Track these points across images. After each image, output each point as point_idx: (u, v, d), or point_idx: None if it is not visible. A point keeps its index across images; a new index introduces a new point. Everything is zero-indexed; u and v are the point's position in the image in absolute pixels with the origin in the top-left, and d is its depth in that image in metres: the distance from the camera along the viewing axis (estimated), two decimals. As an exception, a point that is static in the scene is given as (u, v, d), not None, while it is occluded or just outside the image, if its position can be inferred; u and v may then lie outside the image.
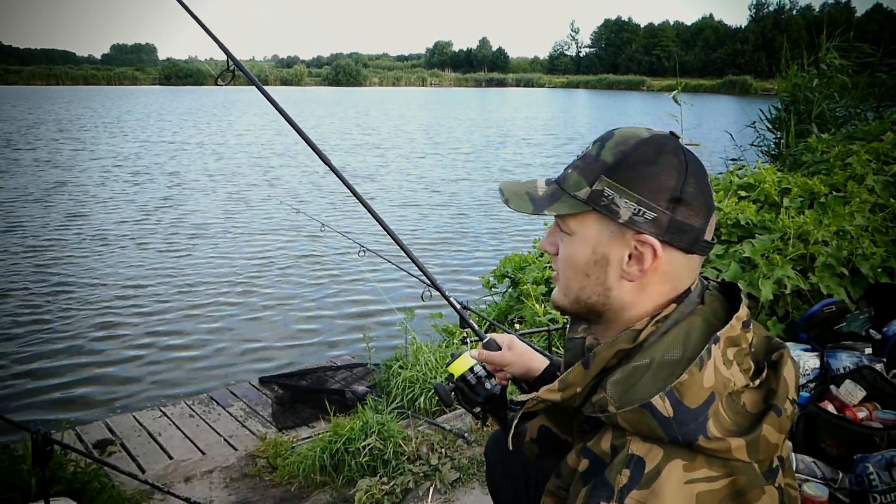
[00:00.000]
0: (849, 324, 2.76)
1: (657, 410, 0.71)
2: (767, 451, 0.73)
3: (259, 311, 6.90)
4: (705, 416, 0.71)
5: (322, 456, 3.13)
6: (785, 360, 0.79)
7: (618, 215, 0.81)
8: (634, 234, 0.81)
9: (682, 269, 0.84)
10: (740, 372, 0.76)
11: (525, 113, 38.84)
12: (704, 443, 0.70)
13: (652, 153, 0.82)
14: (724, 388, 0.73)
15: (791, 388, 0.77)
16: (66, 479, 2.82)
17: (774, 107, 7.22)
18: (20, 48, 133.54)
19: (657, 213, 0.80)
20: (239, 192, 13.33)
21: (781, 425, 0.74)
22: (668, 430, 0.71)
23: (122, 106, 39.97)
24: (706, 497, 0.69)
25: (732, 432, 0.71)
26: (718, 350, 0.75)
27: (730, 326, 0.77)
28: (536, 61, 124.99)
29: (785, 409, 0.75)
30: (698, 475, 0.70)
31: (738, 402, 0.74)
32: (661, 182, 0.80)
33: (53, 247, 9.00)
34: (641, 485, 0.70)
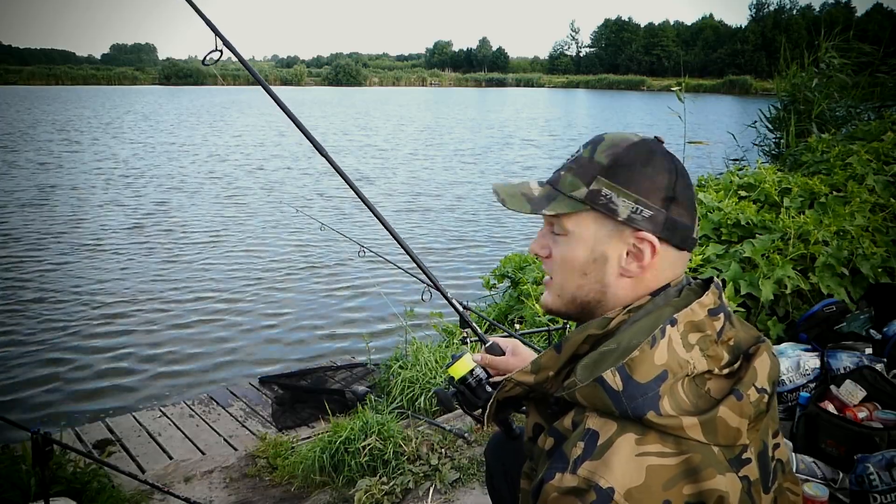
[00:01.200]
0: (849, 324, 2.76)
1: (608, 384, 0.74)
2: (728, 434, 0.74)
3: (259, 311, 6.90)
4: (656, 392, 0.73)
5: (322, 456, 3.13)
6: (760, 352, 0.80)
7: (616, 213, 0.84)
8: (633, 232, 0.85)
9: (674, 263, 0.88)
10: (703, 357, 0.77)
11: (527, 113, 38.82)
12: (655, 418, 0.72)
13: (644, 155, 0.86)
14: (680, 369, 0.75)
15: (761, 377, 0.78)
16: (66, 479, 2.82)
17: (774, 106, 7.22)
18: (20, 48, 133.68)
19: (654, 211, 0.84)
20: (239, 193, 13.33)
21: (742, 410, 0.75)
22: (619, 403, 0.73)
23: (121, 106, 39.99)
24: (657, 471, 0.70)
25: (688, 412, 0.73)
26: (677, 332, 0.77)
27: (690, 311, 0.79)
28: (536, 61, 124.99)
29: (748, 394, 0.76)
30: (650, 449, 0.71)
31: (702, 386, 0.76)
32: (657, 182, 0.84)
33: (53, 247, 9.01)
34: (594, 456, 0.72)
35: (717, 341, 0.79)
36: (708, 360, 0.77)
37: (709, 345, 0.78)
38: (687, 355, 0.76)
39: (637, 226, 0.84)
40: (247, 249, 9.14)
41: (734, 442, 0.75)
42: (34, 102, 40.70)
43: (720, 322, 0.81)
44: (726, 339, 0.81)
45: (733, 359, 0.80)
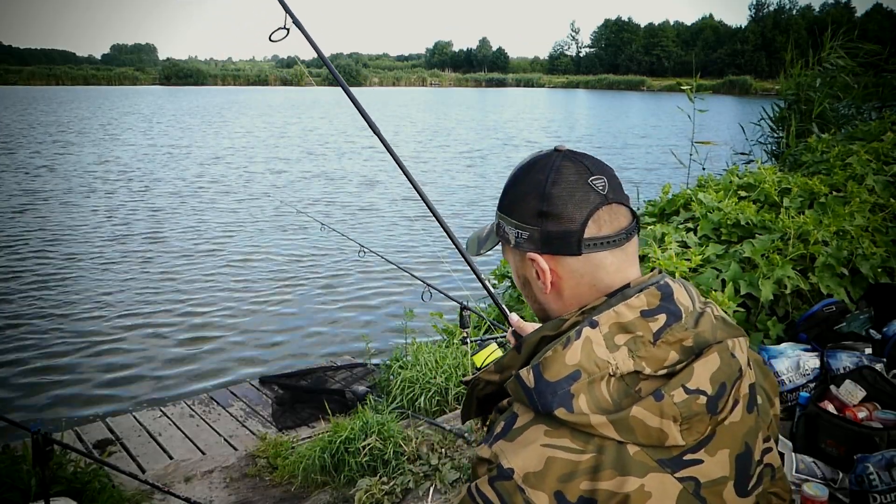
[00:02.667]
0: (849, 324, 2.76)
1: (522, 380, 0.79)
2: (648, 434, 0.74)
3: (259, 311, 6.91)
4: (566, 390, 0.75)
5: (322, 456, 3.14)
6: (709, 353, 0.79)
7: (509, 242, 0.91)
8: (526, 254, 0.89)
9: (589, 267, 0.87)
10: (629, 358, 0.77)
11: (530, 114, 38.80)
12: (563, 415, 0.75)
13: (521, 176, 0.90)
14: (597, 369, 0.76)
15: (698, 379, 0.77)
16: (66, 479, 2.83)
17: (777, 105, 7.22)
18: (20, 48, 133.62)
19: (530, 231, 0.87)
20: (239, 193, 13.34)
21: (662, 410, 0.74)
22: (530, 398, 0.77)
23: (120, 107, 39.99)
24: (557, 463, 0.74)
25: (605, 411, 0.75)
26: (598, 333, 0.78)
27: (614, 313, 0.80)
28: (536, 61, 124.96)
29: (671, 395, 0.75)
30: (556, 442, 0.75)
31: (632, 386, 0.77)
32: (527, 202, 0.88)
33: (54, 248, 9.01)
34: (507, 437, 0.78)
35: (656, 342, 0.79)
36: (637, 360, 0.77)
37: (640, 346, 0.78)
38: (609, 356, 0.77)
39: (523, 248, 0.89)
40: (247, 249, 9.14)
41: (660, 443, 0.75)
42: (32, 103, 40.69)
43: (658, 323, 0.80)
44: (675, 340, 0.79)
45: (683, 358, 0.79)
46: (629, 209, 0.89)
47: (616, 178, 0.89)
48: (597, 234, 0.86)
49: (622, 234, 0.87)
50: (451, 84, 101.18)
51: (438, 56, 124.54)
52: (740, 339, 0.84)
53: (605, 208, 0.86)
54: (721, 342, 0.81)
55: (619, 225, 0.87)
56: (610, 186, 0.87)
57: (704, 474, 0.77)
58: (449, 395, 3.83)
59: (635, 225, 0.89)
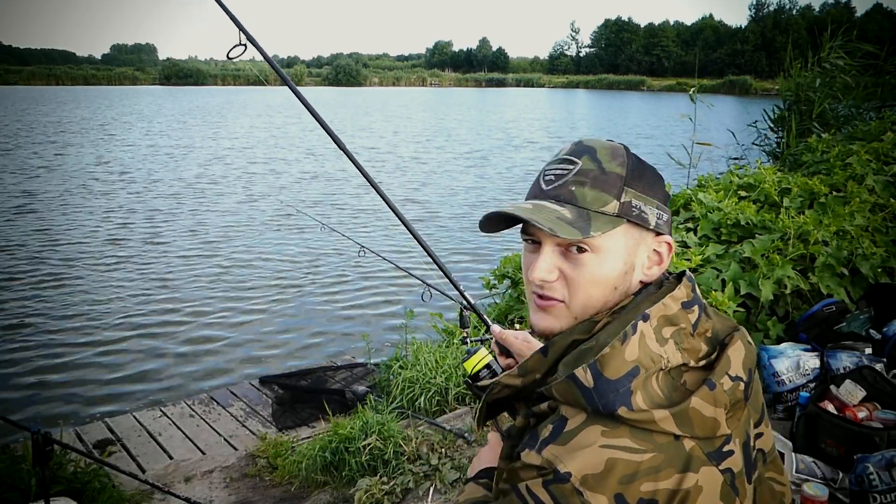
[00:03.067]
0: (849, 324, 2.76)
1: (579, 380, 0.75)
2: (703, 425, 0.74)
3: (259, 311, 6.91)
4: (627, 387, 0.74)
5: (322, 456, 3.14)
6: (734, 341, 0.81)
7: (647, 222, 0.86)
8: (654, 237, 0.88)
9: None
10: (677, 350, 0.78)
11: (531, 114, 38.78)
12: (626, 413, 0.73)
13: (640, 160, 0.89)
14: (652, 364, 0.76)
15: (735, 365, 0.79)
16: (66, 479, 2.83)
17: (777, 106, 7.22)
18: (20, 48, 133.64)
19: (668, 215, 0.89)
20: (238, 193, 13.34)
21: (716, 399, 0.75)
22: (590, 399, 0.75)
23: (119, 107, 39.99)
24: (617, 464, 0.72)
25: (662, 405, 0.74)
26: (649, 327, 0.78)
27: (662, 305, 0.80)
28: (536, 61, 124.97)
29: (721, 383, 0.76)
30: (617, 443, 0.73)
31: (678, 379, 0.77)
32: (661, 185, 0.90)
33: (54, 248, 9.01)
34: (559, 441, 0.74)
35: (693, 334, 0.80)
36: (683, 352, 0.78)
37: (683, 338, 0.79)
38: (661, 349, 0.77)
39: (660, 230, 0.87)
40: (247, 249, 9.14)
41: (712, 433, 0.75)
42: (31, 104, 40.69)
43: (694, 314, 0.82)
44: (703, 331, 0.81)
45: (711, 350, 0.81)
46: None
47: None
48: None
49: None
50: (451, 84, 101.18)
51: (438, 56, 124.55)
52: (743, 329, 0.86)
53: None
54: (739, 330, 0.84)
55: None
56: None
57: (736, 465, 0.78)
58: (449, 395, 3.83)
59: None
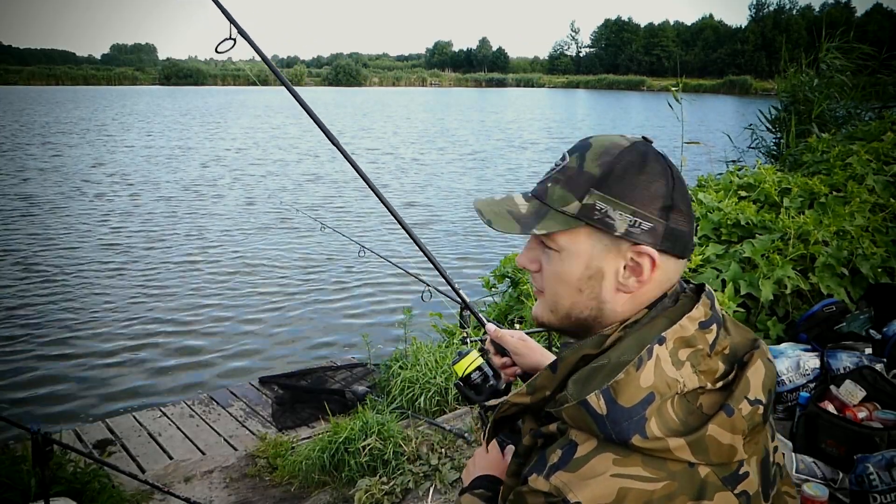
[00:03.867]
0: (849, 324, 2.76)
1: (591, 407, 0.72)
2: (720, 452, 0.72)
3: (259, 311, 6.90)
4: (642, 415, 0.71)
5: (322, 456, 3.13)
6: (753, 361, 0.77)
7: (613, 228, 0.80)
8: (631, 246, 0.80)
9: (674, 273, 0.84)
10: (693, 373, 0.74)
11: (531, 115, 38.76)
12: (640, 442, 0.70)
13: (638, 161, 0.81)
14: (668, 389, 0.73)
15: (754, 388, 0.75)
16: (66, 479, 2.83)
17: (774, 107, 7.21)
18: (20, 48, 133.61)
19: (653, 223, 0.80)
20: (238, 193, 13.34)
21: (734, 426, 0.72)
22: (602, 426, 0.71)
23: (118, 108, 39.96)
24: (632, 494, 0.69)
25: (677, 432, 0.71)
26: (665, 350, 0.74)
27: (679, 327, 0.76)
28: (536, 61, 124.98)
29: (739, 409, 0.73)
30: (629, 472, 0.70)
31: (694, 402, 0.73)
32: (653, 189, 0.80)
33: (53, 248, 9.01)
34: (569, 467, 0.71)
35: (710, 354, 0.77)
36: (700, 375, 0.75)
37: (700, 360, 0.75)
38: (677, 374, 0.73)
39: (635, 239, 0.79)
40: (247, 250, 9.14)
41: (729, 459, 0.73)
42: (30, 104, 40.65)
43: (712, 334, 0.78)
44: (720, 350, 0.78)
45: (728, 369, 0.77)
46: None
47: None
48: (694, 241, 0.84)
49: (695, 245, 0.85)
50: (451, 84, 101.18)
51: (438, 56, 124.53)
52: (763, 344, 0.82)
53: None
54: (759, 348, 0.79)
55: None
56: None
57: (751, 486, 0.75)
58: (449, 396, 3.83)
59: None
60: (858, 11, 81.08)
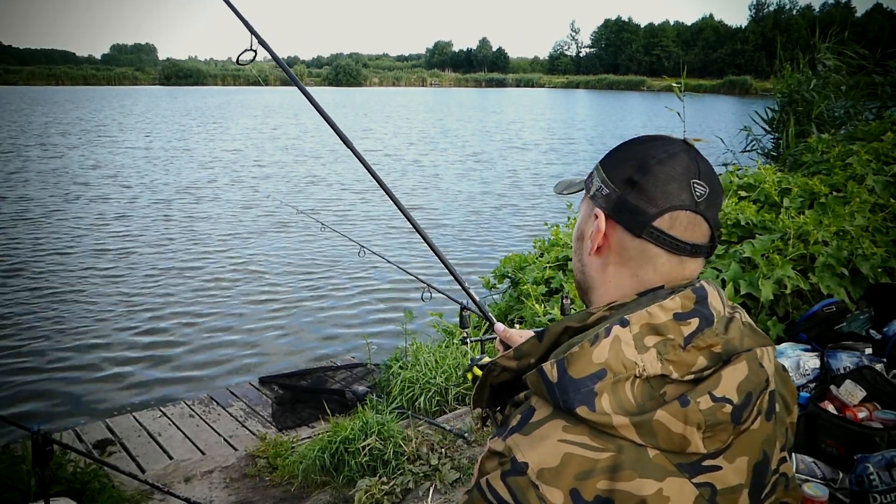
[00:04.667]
0: (849, 324, 2.76)
1: (545, 375, 0.77)
2: (669, 439, 0.73)
3: (259, 311, 6.90)
4: (590, 388, 0.74)
5: (322, 456, 3.14)
6: (738, 361, 0.78)
7: (588, 191, 0.92)
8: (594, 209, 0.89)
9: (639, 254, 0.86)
10: (658, 360, 0.76)
11: (532, 115, 38.74)
12: (586, 414, 0.73)
13: (638, 142, 0.89)
14: (624, 369, 0.75)
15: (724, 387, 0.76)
16: (66, 479, 2.83)
17: (770, 108, 7.21)
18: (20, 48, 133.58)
19: (610, 190, 0.87)
20: (237, 194, 13.34)
21: (687, 416, 0.73)
22: (552, 394, 0.76)
23: (118, 108, 39.96)
24: (574, 460, 0.72)
25: (629, 412, 0.73)
26: (629, 333, 0.77)
27: (647, 313, 0.78)
28: (536, 61, 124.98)
29: (697, 401, 0.74)
30: (576, 440, 0.73)
31: (657, 390, 0.75)
32: (626, 164, 0.87)
33: (53, 247, 9.01)
34: (524, 430, 0.76)
35: (686, 347, 0.77)
36: (666, 364, 0.76)
37: (670, 349, 0.77)
38: (637, 357, 0.75)
39: (596, 203, 0.89)
40: (247, 250, 9.14)
41: (681, 449, 0.73)
42: (29, 104, 40.65)
43: (690, 327, 0.78)
44: (706, 345, 0.78)
45: (711, 365, 0.78)
46: (712, 231, 0.86)
47: (719, 196, 0.87)
48: (666, 229, 0.84)
49: (687, 246, 0.85)
50: (451, 84, 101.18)
51: (438, 56, 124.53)
52: (768, 349, 0.82)
53: (688, 213, 0.84)
54: (750, 350, 0.80)
55: (691, 235, 0.85)
56: (707, 198, 0.85)
57: (721, 481, 0.76)
58: (449, 395, 3.83)
59: (708, 247, 0.87)
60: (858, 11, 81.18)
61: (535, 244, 5.20)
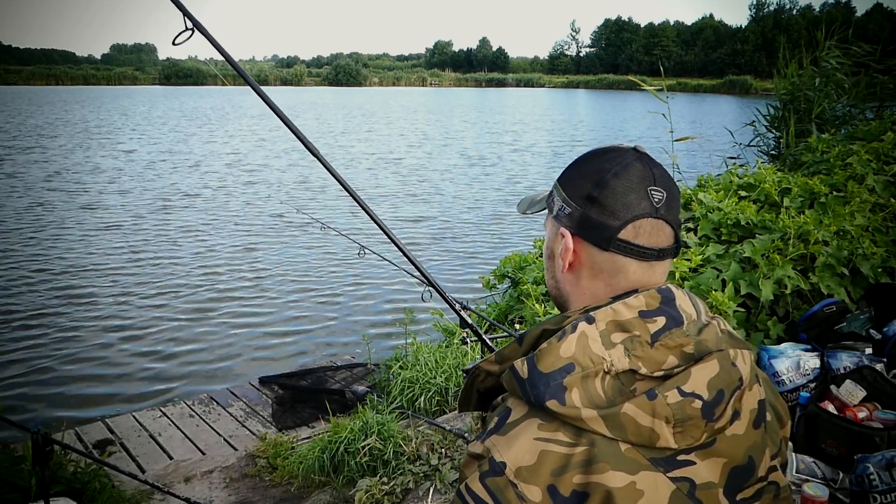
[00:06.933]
0: (849, 324, 2.76)
1: (517, 371, 0.79)
2: (638, 433, 0.74)
3: (259, 311, 6.91)
4: (559, 382, 0.75)
5: (322, 456, 3.14)
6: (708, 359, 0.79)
7: (551, 211, 0.93)
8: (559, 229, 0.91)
9: (610, 266, 0.88)
10: (625, 356, 0.77)
11: (534, 116, 38.71)
12: (555, 407, 0.74)
13: (590, 157, 0.91)
14: (591, 364, 0.76)
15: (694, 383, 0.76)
16: (66, 479, 2.83)
17: (772, 106, 7.21)
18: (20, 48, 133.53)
19: (572, 209, 0.89)
20: (237, 194, 13.34)
21: (655, 409, 0.74)
22: (523, 389, 0.78)
23: (117, 108, 39.96)
24: (549, 457, 0.73)
25: (597, 406, 0.74)
26: (595, 329, 0.79)
27: (611, 310, 0.81)
28: (536, 61, 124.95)
29: (665, 395, 0.75)
30: (550, 436, 0.75)
31: (628, 385, 0.76)
32: (583, 181, 0.89)
33: (53, 247, 9.01)
34: (500, 431, 0.77)
35: (653, 344, 0.79)
36: (634, 359, 0.77)
37: (637, 346, 0.78)
38: (605, 352, 0.77)
39: (560, 223, 0.90)
40: (247, 250, 9.14)
41: (650, 443, 0.74)
42: (27, 105, 40.64)
43: (656, 325, 0.80)
44: (676, 345, 0.79)
45: (680, 363, 0.78)
46: (675, 232, 0.89)
47: (676, 198, 0.89)
48: (631, 239, 0.86)
49: (654, 252, 0.87)
50: (451, 84, 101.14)
51: (438, 56, 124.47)
52: (744, 352, 0.83)
53: (650, 220, 0.86)
54: (722, 350, 0.81)
55: (656, 241, 0.87)
56: (665, 202, 0.87)
57: (698, 476, 0.76)
58: (449, 395, 3.83)
59: (673, 248, 0.89)
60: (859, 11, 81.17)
61: (535, 244, 5.20)
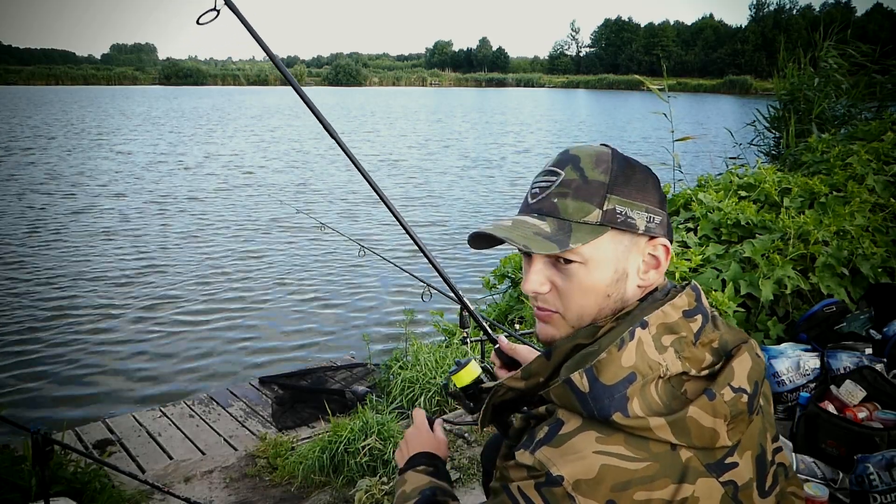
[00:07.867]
0: (849, 324, 2.76)
1: (575, 385, 0.75)
2: (702, 435, 0.73)
3: (259, 311, 6.90)
4: (623, 393, 0.73)
5: (322, 456, 3.13)
6: (740, 353, 0.80)
7: (635, 227, 0.84)
8: (648, 241, 0.86)
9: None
10: (677, 358, 0.77)
11: (534, 116, 38.69)
12: (622, 420, 0.72)
13: (627, 164, 0.87)
14: (650, 371, 0.75)
15: (739, 377, 0.77)
16: (66, 479, 2.82)
17: (772, 106, 7.21)
18: (20, 48, 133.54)
19: (661, 216, 0.86)
20: (237, 193, 13.34)
21: (715, 409, 0.74)
22: (585, 404, 0.74)
23: (117, 108, 39.96)
24: (611, 471, 0.71)
25: (659, 413, 0.73)
26: (648, 334, 0.77)
27: (662, 313, 0.79)
28: (536, 61, 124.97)
29: (721, 394, 0.75)
30: (611, 450, 0.72)
31: (678, 388, 0.76)
32: (650, 187, 0.86)
33: (53, 248, 9.01)
34: (553, 443, 0.74)
35: (696, 343, 0.79)
36: (684, 361, 0.77)
37: (684, 346, 0.78)
38: (659, 357, 0.76)
39: (653, 233, 0.85)
40: (247, 250, 9.14)
41: (711, 444, 0.74)
42: (25, 105, 40.63)
43: (697, 324, 0.81)
44: (708, 342, 0.80)
45: (716, 360, 0.79)
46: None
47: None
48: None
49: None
50: (451, 84, 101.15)
51: (438, 56, 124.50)
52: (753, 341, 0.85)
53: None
54: (747, 342, 0.82)
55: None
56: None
57: (740, 477, 0.77)
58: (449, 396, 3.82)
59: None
60: (858, 11, 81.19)
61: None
